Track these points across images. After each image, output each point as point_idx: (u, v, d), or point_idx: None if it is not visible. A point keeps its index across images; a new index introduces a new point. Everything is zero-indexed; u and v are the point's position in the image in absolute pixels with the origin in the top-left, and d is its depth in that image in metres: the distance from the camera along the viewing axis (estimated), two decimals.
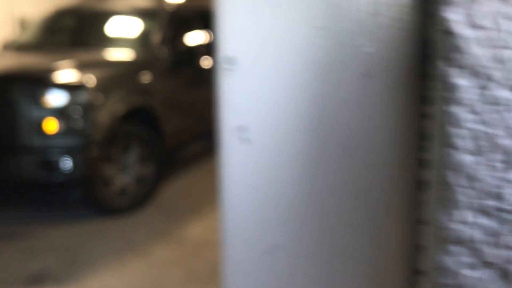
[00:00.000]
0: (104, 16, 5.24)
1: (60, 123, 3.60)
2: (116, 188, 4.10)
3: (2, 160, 3.50)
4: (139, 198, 4.28)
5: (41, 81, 3.59)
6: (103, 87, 3.81)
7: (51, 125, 3.58)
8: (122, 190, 4.16)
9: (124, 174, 4.15)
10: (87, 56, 4.38)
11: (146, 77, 4.40)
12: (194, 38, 5.50)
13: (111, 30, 5.05)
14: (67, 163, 3.61)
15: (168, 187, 4.89)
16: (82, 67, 3.92)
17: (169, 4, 5.28)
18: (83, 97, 3.66)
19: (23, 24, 7.16)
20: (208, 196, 4.68)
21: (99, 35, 5.07)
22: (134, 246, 3.52)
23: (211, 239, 3.67)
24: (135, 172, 4.21)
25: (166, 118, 4.66)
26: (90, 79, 3.73)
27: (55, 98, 3.59)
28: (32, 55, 4.56)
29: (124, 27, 5.05)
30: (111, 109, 3.87)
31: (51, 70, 3.73)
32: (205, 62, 5.06)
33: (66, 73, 3.74)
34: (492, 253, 0.50)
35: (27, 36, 5.22)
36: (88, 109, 3.67)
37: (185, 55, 4.84)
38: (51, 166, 3.59)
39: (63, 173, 3.61)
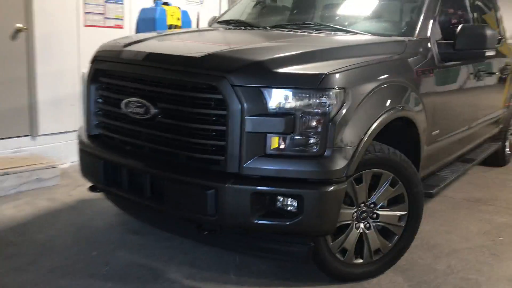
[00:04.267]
0: None
1: (287, 140, 2.24)
2: (350, 242, 2.65)
3: (191, 191, 2.29)
4: (383, 259, 2.77)
5: (265, 73, 2.26)
6: (352, 88, 2.35)
7: (274, 142, 2.26)
8: (359, 245, 2.69)
9: (363, 222, 2.68)
10: (322, 41, 2.96)
11: (406, 74, 2.84)
12: (471, 20, 3.75)
13: (352, 7, 3.56)
14: (294, 204, 2.26)
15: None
16: (319, 57, 2.49)
17: None
18: (324, 102, 2.24)
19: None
20: (488, 256, 2.88)
21: (333, 13, 3.63)
22: None
23: None
24: (379, 219, 2.71)
25: (429, 135, 3.05)
26: (332, 76, 2.28)
27: (283, 102, 2.24)
28: (244, 35, 3.32)
29: (370, 3, 3.52)
30: (363, 122, 2.40)
31: (276, 60, 2.38)
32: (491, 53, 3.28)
33: (298, 65, 2.36)
34: None
35: (237, 11, 4.07)
36: (331, 121, 2.24)
37: (463, 43, 3.12)
38: (269, 206, 2.27)
39: (287, 218, 2.25)
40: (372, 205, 2.68)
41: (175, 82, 2.39)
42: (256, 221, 2.25)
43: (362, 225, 2.68)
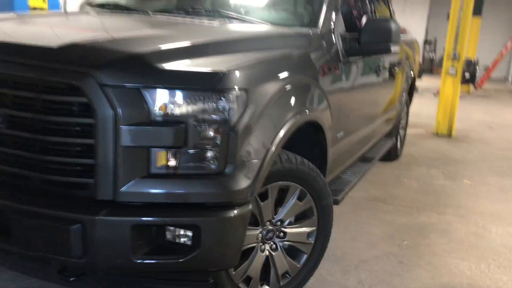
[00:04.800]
0: None
1: (178, 155, 1.76)
2: (255, 268, 2.26)
3: (48, 227, 1.71)
4: (291, 283, 2.41)
5: (146, 70, 1.75)
6: (256, 89, 1.93)
7: (160, 159, 1.76)
8: (264, 272, 2.31)
9: (269, 243, 2.30)
10: (217, 31, 2.50)
11: (312, 71, 2.50)
12: (376, 13, 3.55)
13: None
14: (189, 235, 1.79)
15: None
16: (214, 50, 2.03)
17: None
18: (223, 106, 1.79)
19: None
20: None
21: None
22: None
23: None
24: (286, 238, 2.35)
25: (335, 136, 2.77)
26: (233, 74, 1.84)
27: (171, 106, 1.74)
28: (120, 21, 2.74)
29: None
30: (270, 130, 2.00)
31: (161, 52, 1.88)
32: (396, 49, 3.08)
33: (189, 60, 1.88)
34: None
35: None
36: (232, 130, 1.80)
37: (368, 37, 2.87)
38: (157, 240, 1.78)
39: (180, 254, 1.78)
40: (279, 223, 2.31)
41: (24, 80, 1.77)
42: (140, 260, 1.75)
43: (268, 246, 2.30)
